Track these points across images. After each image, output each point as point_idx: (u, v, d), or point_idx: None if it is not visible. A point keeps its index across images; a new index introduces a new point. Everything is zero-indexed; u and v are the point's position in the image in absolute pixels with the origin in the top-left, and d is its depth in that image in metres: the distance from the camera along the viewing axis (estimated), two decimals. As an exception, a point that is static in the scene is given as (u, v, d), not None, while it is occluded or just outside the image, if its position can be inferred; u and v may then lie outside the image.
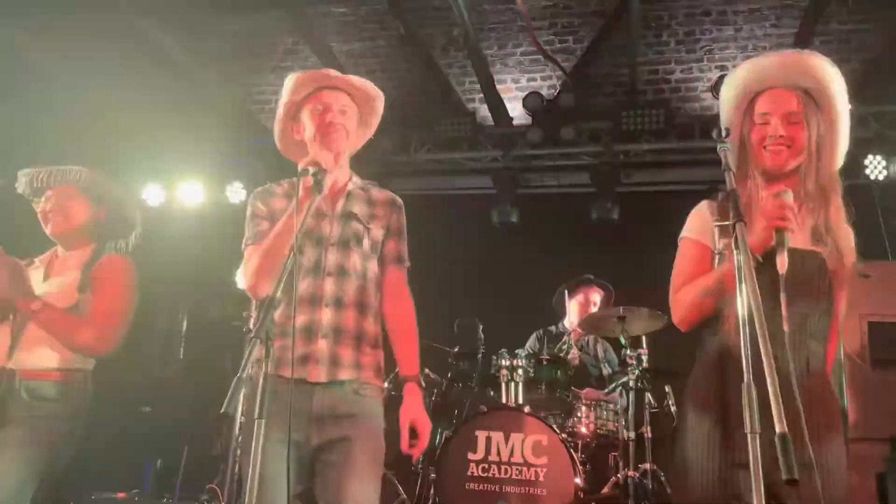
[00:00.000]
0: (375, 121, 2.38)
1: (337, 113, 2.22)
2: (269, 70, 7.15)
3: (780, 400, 1.35)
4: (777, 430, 1.30)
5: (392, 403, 4.06)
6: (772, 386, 1.38)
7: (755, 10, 6.19)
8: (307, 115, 2.24)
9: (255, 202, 2.32)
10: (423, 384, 2.07)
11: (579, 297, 5.06)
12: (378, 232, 2.27)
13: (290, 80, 2.27)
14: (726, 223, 1.80)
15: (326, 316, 2.13)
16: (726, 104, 2.11)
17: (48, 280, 2.64)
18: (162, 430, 5.77)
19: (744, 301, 1.74)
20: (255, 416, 1.85)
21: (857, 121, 5.27)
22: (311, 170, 2.08)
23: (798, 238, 1.92)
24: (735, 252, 1.77)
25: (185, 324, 6.41)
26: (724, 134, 2.01)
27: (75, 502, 4.14)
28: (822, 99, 1.99)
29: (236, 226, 7.02)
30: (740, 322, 1.71)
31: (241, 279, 2.26)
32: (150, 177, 6.38)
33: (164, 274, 5.38)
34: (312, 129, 2.22)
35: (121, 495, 4.25)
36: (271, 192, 2.32)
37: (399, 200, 2.37)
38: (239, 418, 5.87)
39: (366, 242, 2.23)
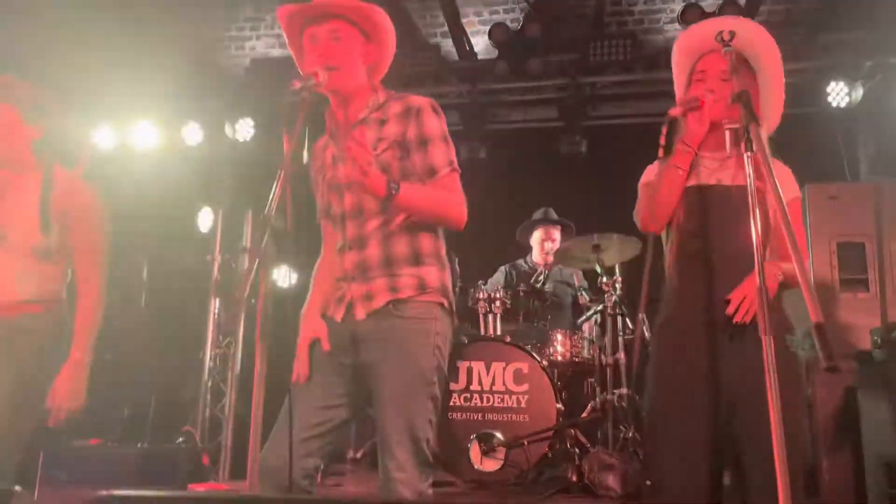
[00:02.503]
0: (387, 38, 2.17)
1: (328, 43, 2.08)
2: (221, 6, 6.84)
3: (815, 294, 1.35)
4: (813, 319, 1.30)
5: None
6: (805, 283, 1.38)
7: (718, -62, 6.14)
8: (306, 49, 2.13)
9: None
10: None
11: (539, 234, 5.10)
12: (386, 155, 2.05)
13: (279, 19, 2.14)
14: (736, 126, 1.79)
15: (350, 259, 2.08)
16: (674, 68, 2.23)
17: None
18: (127, 379, 5.65)
19: (755, 206, 1.75)
20: (259, 339, 1.80)
21: (821, 48, 5.32)
22: (298, 83, 1.97)
23: (738, 176, 2.04)
24: (746, 155, 1.77)
25: (145, 271, 6.21)
26: (728, 38, 2.01)
27: (45, 452, 4.03)
28: (753, 60, 2.14)
29: (195, 168, 6.78)
30: (753, 227, 1.73)
31: None
32: (99, 118, 6.07)
33: (121, 220, 5.17)
34: (312, 62, 2.09)
35: (94, 442, 4.15)
36: (312, 151, 2.26)
37: (416, 104, 2.08)
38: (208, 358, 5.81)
39: None
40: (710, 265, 1.99)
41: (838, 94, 5.09)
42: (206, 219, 5.88)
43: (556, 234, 5.07)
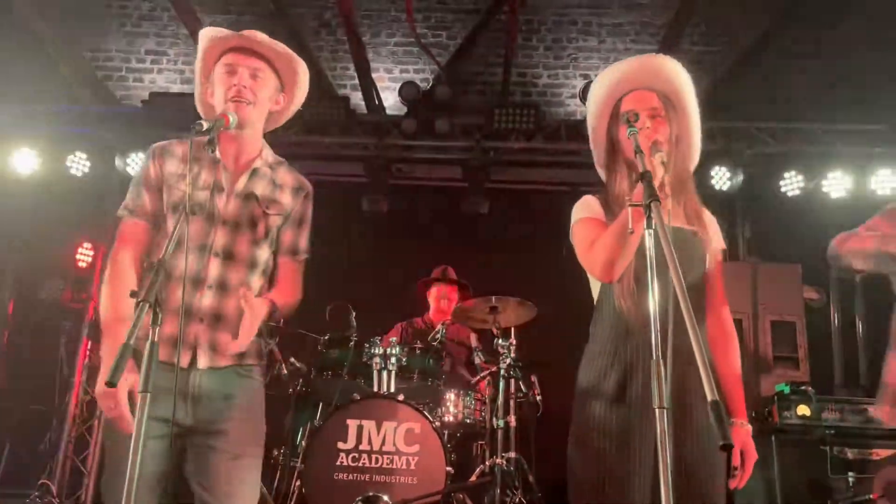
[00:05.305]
0: (299, 92, 2.18)
1: (246, 76, 2.04)
2: (120, 35, 6.61)
3: (710, 370, 1.37)
4: (709, 398, 1.32)
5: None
6: (700, 357, 1.40)
7: (618, 24, 6.55)
8: (217, 77, 2.08)
9: (148, 161, 2.08)
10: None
11: (436, 292, 5.12)
12: (276, 219, 2.10)
13: (201, 37, 2.09)
14: (639, 204, 1.83)
15: (207, 299, 1.97)
16: (594, 107, 2.22)
17: None
18: (-22, 425, 5.15)
19: (653, 278, 1.79)
20: (140, 389, 1.66)
21: (706, 135, 5.67)
22: (206, 124, 1.90)
23: (675, 220, 2.06)
24: (647, 232, 1.82)
25: (10, 305, 5.74)
26: (634, 120, 2.09)
27: None
28: (677, 101, 2.17)
29: (77, 200, 6.40)
30: (651, 300, 1.75)
31: (109, 259, 2.02)
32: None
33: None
34: (221, 92, 2.05)
35: (-68, 495, 3.72)
36: (169, 153, 2.08)
37: (307, 186, 2.19)
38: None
39: (260, 228, 2.06)
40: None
41: (721, 177, 5.44)
42: (85, 255, 5.53)
43: (454, 294, 5.10)
